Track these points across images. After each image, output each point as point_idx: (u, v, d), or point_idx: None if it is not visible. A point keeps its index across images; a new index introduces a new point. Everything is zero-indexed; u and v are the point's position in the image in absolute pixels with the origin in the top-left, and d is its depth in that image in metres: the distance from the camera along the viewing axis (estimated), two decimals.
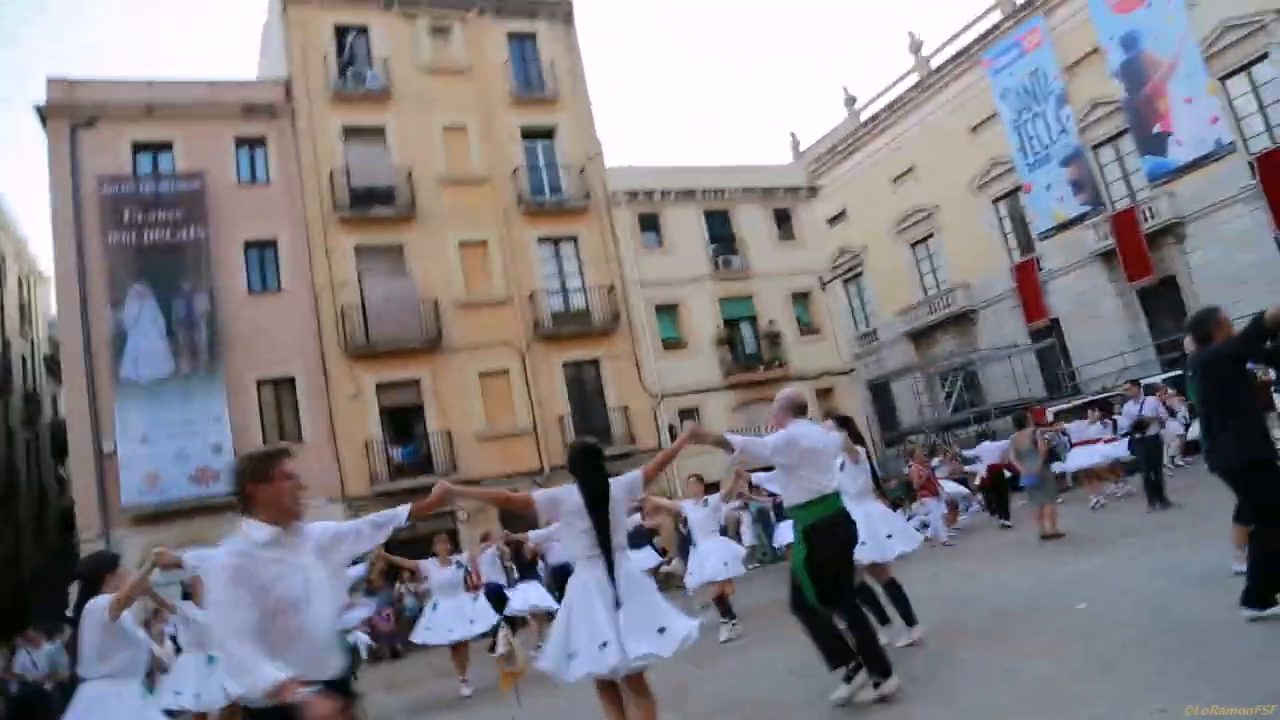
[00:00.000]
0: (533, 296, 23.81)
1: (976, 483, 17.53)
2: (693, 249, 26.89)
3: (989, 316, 31.57)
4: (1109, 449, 14.30)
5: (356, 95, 23.51)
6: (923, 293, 34.35)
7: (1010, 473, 14.64)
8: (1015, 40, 29.15)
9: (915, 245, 34.80)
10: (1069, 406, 21.27)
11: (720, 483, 12.15)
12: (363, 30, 24.31)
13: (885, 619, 6.64)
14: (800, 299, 28.22)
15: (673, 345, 25.94)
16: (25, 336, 31.84)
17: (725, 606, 9.38)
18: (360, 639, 14.24)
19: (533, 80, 25.90)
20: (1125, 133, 26.79)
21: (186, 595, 7.81)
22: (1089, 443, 14.72)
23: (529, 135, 25.32)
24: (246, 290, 21.61)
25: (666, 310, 26.16)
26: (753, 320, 27.28)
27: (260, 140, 22.70)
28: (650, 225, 26.73)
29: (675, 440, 5.27)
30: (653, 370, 24.87)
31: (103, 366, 19.79)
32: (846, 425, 6.95)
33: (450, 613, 9.72)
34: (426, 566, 9.99)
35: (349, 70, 23.74)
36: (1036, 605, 7.04)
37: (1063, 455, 15.86)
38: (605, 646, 4.34)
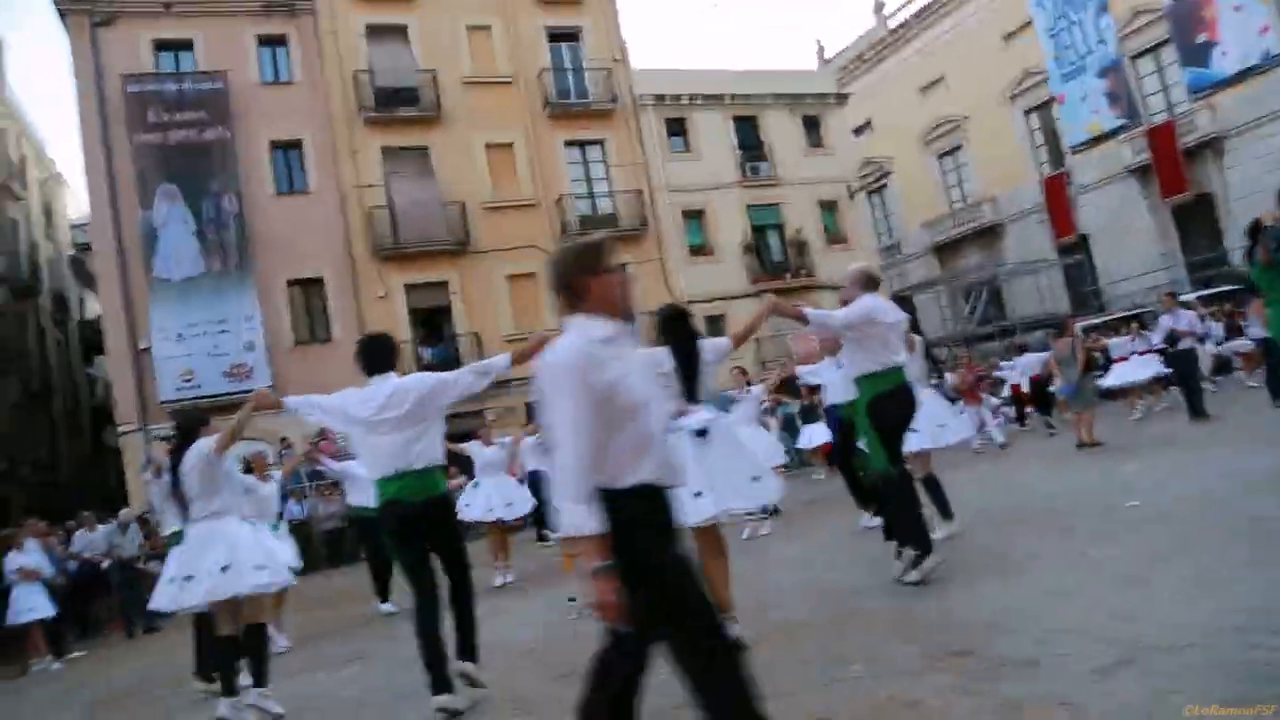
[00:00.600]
0: (560, 200, 23.63)
1: (1005, 394, 17.63)
2: (720, 155, 26.57)
3: (1015, 231, 31.21)
4: (1153, 363, 13.95)
5: None
6: (948, 205, 33.91)
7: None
8: None
9: (942, 157, 34.23)
10: (1099, 321, 21.20)
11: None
12: None
13: (949, 513, 6.75)
14: (828, 208, 27.97)
15: (699, 251, 25.88)
16: (50, 239, 31.84)
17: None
18: None
19: None
20: (1166, 43, 26.01)
21: (249, 469, 7.92)
22: (1127, 359, 14.44)
23: (554, 38, 24.78)
24: (275, 191, 21.58)
25: (694, 216, 25.99)
26: (780, 228, 27.11)
27: (282, 39, 22.32)
28: (677, 130, 26.35)
29: (755, 312, 5.50)
30: (680, 276, 24.85)
31: (135, 265, 19.92)
32: None
33: (492, 491, 9.93)
34: (472, 448, 10.19)
35: None
36: (1086, 502, 7.16)
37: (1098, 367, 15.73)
38: (699, 496, 4.45)
